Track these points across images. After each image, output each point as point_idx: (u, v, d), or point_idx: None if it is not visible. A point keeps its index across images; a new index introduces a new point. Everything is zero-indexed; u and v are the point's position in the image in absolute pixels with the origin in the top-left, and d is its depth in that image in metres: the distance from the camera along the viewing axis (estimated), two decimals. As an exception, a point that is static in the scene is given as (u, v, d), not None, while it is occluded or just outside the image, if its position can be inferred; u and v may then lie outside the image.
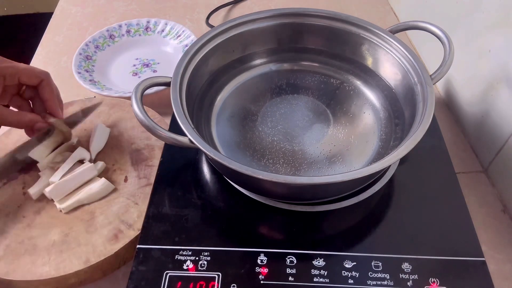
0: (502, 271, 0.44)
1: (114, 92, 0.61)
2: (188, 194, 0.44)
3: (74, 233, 0.43)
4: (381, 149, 0.46)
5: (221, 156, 0.37)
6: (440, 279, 0.37)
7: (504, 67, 0.49)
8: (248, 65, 0.55)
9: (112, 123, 0.54)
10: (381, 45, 0.50)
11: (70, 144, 0.51)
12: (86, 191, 0.45)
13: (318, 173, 0.44)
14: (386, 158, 0.37)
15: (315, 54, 0.55)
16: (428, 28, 0.48)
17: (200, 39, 0.49)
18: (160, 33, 0.73)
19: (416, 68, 0.45)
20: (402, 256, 0.38)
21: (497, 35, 0.50)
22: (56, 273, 0.40)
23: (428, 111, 0.40)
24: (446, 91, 0.63)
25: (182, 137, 0.40)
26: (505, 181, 0.50)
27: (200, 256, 0.38)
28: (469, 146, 0.57)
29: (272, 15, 0.52)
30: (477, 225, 0.41)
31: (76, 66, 0.64)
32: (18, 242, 0.42)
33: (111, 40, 0.71)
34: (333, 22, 0.52)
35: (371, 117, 0.49)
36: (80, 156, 0.49)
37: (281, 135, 0.47)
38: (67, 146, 0.50)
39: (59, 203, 0.45)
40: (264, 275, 0.37)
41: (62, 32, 0.77)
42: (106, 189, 0.46)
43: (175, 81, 0.43)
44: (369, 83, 0.52)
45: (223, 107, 0.51)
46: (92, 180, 0.47)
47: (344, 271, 0.37)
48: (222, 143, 0.47)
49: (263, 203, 0.43)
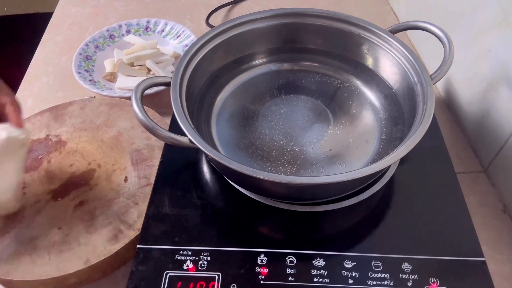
0: (502, 271, 0.44)
1: (114, 92, 0.61)
2: (188, 194, 0.44)
3: (74, 233, 0.43)
4: (381, 149, 0.46)
5: (221, 156, 0.37)
6: (440, 279, 0.37)
7: (504, 67, 0.49)
8: (248, 65, 0.55)
9: (112, 123, 0.54)
10: (381, 45, 0.50)
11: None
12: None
13: (318, 173, 0.44)
14: (386, 158, 0.37)
15: (315, 54, 0.55)
16: (428, 28, 0.48)
17: (200, 39, 0.49)
18: (160, 33, 0.73)
19: (416, 68, 0.45)
20: (402, 256, 0.38)
21: (497, 35, 0.50)
22: (56, 273, 0.40)
23: (428, 111, 0.40)
24: (446, 91, 0.63)
25: (182, 137, 0.40)
26: (505, 181, 0.50)
27: (200, 256, 0.38)
28: (469, 146, 0.57)
29: (272, 15, 0.52)
30: (477, 225, 0.41)
31: (76, 66, 0.64)
32: (18, 242, 0.42)
33: (111, 40, 0.71)
34: (333, 22, 0.52)
35: (371, 117, 0.49)
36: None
37: (281, 135, 0.47)
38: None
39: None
40: (264, 275, 0.37)
41: (62, 32, 0.77)
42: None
43: (175, 81, 0.43)
44: (369, 83, 0.52)
45: (223, 107, 0.51)
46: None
47: (344, 271, 0.37)
48: (222, 143, 0.47)
49: (263, 203, 0.43)
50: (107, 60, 0.67)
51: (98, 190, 0.47)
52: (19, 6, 1.58)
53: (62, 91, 0.65)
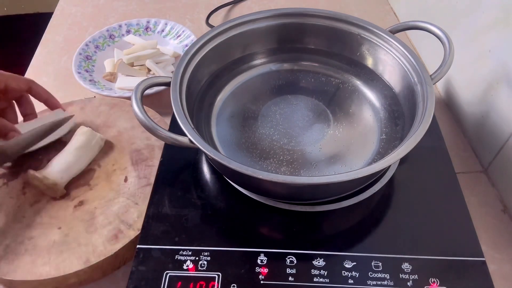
0: (502, 271, 0.44)
1: (114, 92, 0.61)
2: (188, 194, 0.44)
3: (74, 233, 0.43)
4: (381, 149, 0.46)
5: (221, 156, 0.37)
6: (440, 279, 0.37)
7: (504, 67, 0.49)
8: (248, 65, 0.55)
9: (112, 123, 0.54)
10: (381, 45, 0.50)
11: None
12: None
13: (318, 173, 0.44)
14: (386, 158, 0.37)
15: (315, 54, 0.55)
16: (428, 28, 0.48)
17: (200, 39, 0.49)
18: (160, 33, 0.73)
19: (416, 68, 0.45)
20: (402, 256, 0.38)
21: (497, 35, 0.50)
22: (56, 273, 0.40)
23: (428, 111, 0.40)
24: (446, 91, 0.63)
25: (182, 137, 0.40)
26: (505, 181, 0.50)
27: (200, 256, 0.38)
28: (469, 146, 0.57)
29: (272, 15, 0.52)
30: (477, 225, 0.41)
31: (76, 66, 0.64)
32: (18, 242, 0.42)
33: (111, 40, 0.71)
34: (333, 22, 0.52)
35: (371, 117, 0.49)
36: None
37: (281, 135, 0.47)
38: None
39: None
40: (264, 275, 0.37)
41: (62, 32, 0.77)
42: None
43: (175, 81, 0.43)
44: (369, 83, 0.52)
45: (223, 107, 0.51)
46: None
47: (344, 271, 0.37)
48: (222, 143, 0.47)
49: (263, 203, 0.43)
50: (107, 60, 0.68)
51: (98, 190, 0.47)
52: (19, 6, 1.58)
53: (62, 91, 0.65)
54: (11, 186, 0.48)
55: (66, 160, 0.47)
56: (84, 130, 0.50)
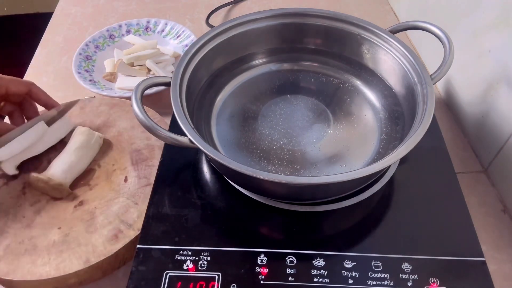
0: (502, 271, 0.44)
1: (114, 92, 0.61)
2: (188, 194, 0.44)
3: (74, 233, 0.43)
4: (381, 149, 0.46)
5: (221, 156, 0.37)
6: (440, 279, 0.37)
7: (504, 67, 0.49)
8: (248, 65, 0.55)
9: (112, 123, 0.54)
10: (381, 45, 0.50)
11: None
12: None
13: (318, 173, 0.44)
14: (386, 158, 0.37)
15: (315, 54, 0.55)
16: (428, 28, 0.48)
17: (200, 39, 0.49)
18: (160, 33, 0.73)
19: (416, 68, 0.45)
20: (402, 256, 0.38)
21: (497, 35, 0.50)
22: (56, 273, 0.40)
23: (428, 111, 0.40)
24: (446, 91, 0.63)
25: (182, 137, 0.40)
26: (505, 181, 0.50)
27: (200, 256, 0.38)
28: (469, 146, 0.57)
29: (272, 15, 0.52)
30: (477, 225, 0.41)
31: (76, 66, 0.64)
32: (18, 242, 0.42)
33: (111, 40, 0.71)
34: (333, 22, 0.52)
35: (371, 117, 0.49)
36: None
37: (281, 135, 0.47)
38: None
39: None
40: (264, 275, 0.37)
41: (62, 32, 0.77)
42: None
43: (175, 81, 0.43)
44: (369, 83, 0.52)
45: (223, 107, 0.51)
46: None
47: (344, 271, 0.37)
48: (222, 143, 0.47)
49: (263, 203, 0.43)
50: (107, 60, 0.68)
51: (98, 190, 0.47)
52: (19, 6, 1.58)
53: (62, 91, 0.65)
54: (11, 186, 0.48)
55: (68, 160, 0.47)
56: (82, 130, 0.50)
